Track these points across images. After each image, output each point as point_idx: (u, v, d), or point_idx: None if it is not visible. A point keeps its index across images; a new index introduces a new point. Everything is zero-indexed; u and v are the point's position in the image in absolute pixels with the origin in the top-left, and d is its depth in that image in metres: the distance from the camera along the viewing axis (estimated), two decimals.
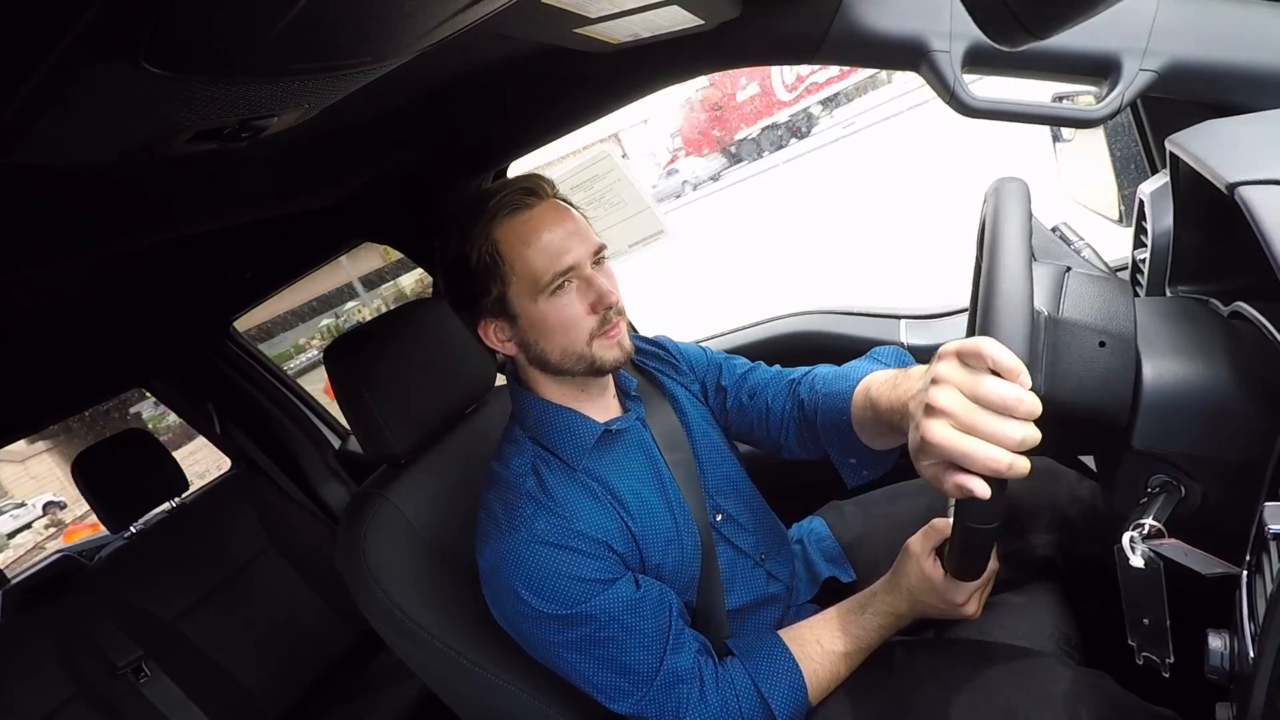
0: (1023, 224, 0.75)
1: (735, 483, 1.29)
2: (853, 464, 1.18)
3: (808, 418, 1.23)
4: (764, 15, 1.23)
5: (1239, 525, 0.67)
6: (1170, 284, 1.05)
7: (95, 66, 0.44)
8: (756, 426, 1.32)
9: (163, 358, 2.58)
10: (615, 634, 1.00)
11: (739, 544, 1.23)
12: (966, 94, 1.16)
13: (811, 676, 1.06)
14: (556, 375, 1.12)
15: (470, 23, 0.68)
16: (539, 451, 1.11)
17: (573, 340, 1.06)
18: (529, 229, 1.04)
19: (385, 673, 2.28)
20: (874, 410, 1.03)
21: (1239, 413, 0.75)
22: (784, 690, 1.04)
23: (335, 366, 1.26)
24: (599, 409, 1.17)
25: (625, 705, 1.03)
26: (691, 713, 1.02)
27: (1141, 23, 1.09)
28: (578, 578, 1.00)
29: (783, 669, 1.06)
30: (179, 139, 0.59)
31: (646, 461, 1.18)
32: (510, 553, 1.02)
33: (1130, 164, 1.36)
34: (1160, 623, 0.72)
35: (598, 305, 1.06)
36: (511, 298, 1.06)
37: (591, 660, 1.02)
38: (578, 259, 1.05)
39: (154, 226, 1.21)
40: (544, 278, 1.03)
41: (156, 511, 2.35)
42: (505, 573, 1.02)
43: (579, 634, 1.00)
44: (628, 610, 1.01)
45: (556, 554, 1.00)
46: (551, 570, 1.00)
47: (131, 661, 1.97)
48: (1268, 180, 0.70)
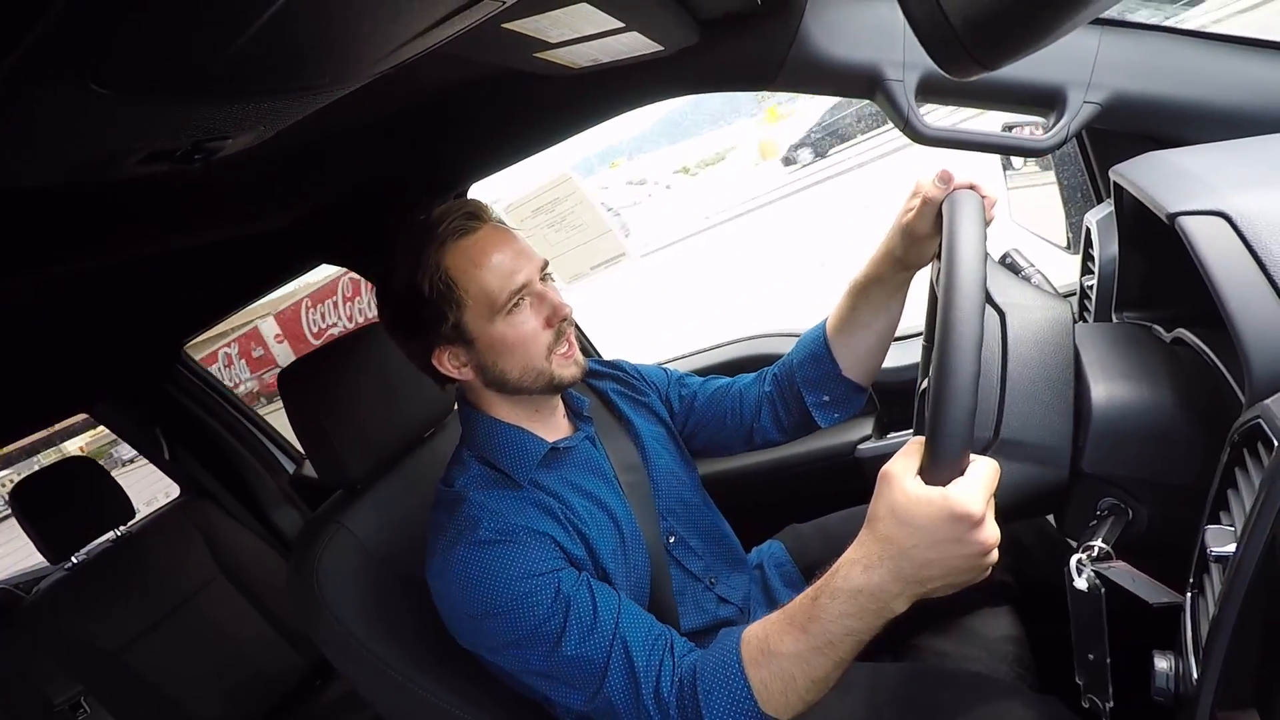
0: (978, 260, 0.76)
1: (688, 505, 1.28)
2: (825, 402, 1.26)
3: (785, 374, 1.31)
4: (722, 42, 1.25)
5: (1184, 547, 0.69)
6: (1116, 310, 1.08)
7: (41, 87, 0.43)
8: (730, 417, 1.34)
9: (109, 382, 2.50)
10: (563, 624, 0.95)
11: (689, 566, 1.23)
12: (920, 123, 1.19)
13: (760, 688, 0.87)
14: (514, 395, 1.12)
15: (429, 46, 0.68)
16: (484, 470, 1.11)
17: (532, 356, 1.07)
18: (478, 251, 1.04)
19: (338, 703, 2.23)
20: (861, 278, 1.17)
21: (1182, 437, 0.77)
22: (722, 705, 0.89)
23: (290, 391, 1.24)
24: (549, 429, 1.17)
25: (579, 700, 0.97)
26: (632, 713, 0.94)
27: (1085, 57, 1.13)
28: (523, 573, 0.97)
29: (727, 679, 0.90)
30: (129, 161, 0.58)
31: (597, 479, 1.17)
32: (456, 561, 1.00)
33: (1077, 192, 1.40)
34: (1101, 660, 0.73)
35: (553, 319, 1.07)
36: (467, 321, 1.05)
37: (541, 656, 0.96)
38: (529, 276, 1.06)
39: (104, 248, 1.18)
40: (499, 297, 1.04)
41: (100, 541, 2.27)
42: (453, 581, 1.00)
43: (526, 628, 0.96)
44: (574, 601, 0.96)
45: (498, 550, 0.98)
46: (494, 568, 0.97)
47: (69, 698, 1.89)
48: (1207, 211, 0.72)
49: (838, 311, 1.23)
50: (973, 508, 0.70)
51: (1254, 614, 0.54)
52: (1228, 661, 0.55)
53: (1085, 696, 0.75)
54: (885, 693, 1.05)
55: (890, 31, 1.18)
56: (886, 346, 1.25)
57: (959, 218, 0.80)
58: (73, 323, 1.71)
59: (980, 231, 0.78)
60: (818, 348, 1.26)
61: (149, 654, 2.13)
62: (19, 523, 2.09)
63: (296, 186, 1.47)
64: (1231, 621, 0.54)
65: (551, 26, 0.97)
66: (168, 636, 2.18)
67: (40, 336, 1.69)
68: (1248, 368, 0.64)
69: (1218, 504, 0.64)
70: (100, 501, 2.24)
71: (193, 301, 2.10)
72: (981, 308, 0.71)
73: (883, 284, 1.16)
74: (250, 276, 2.12)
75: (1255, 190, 0.74)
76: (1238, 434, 0.62)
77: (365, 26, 0.56)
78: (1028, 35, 0.52)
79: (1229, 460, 0.63)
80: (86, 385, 2.43)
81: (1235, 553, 0.55)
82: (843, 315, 1.22)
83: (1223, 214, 0.71)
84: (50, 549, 2.11)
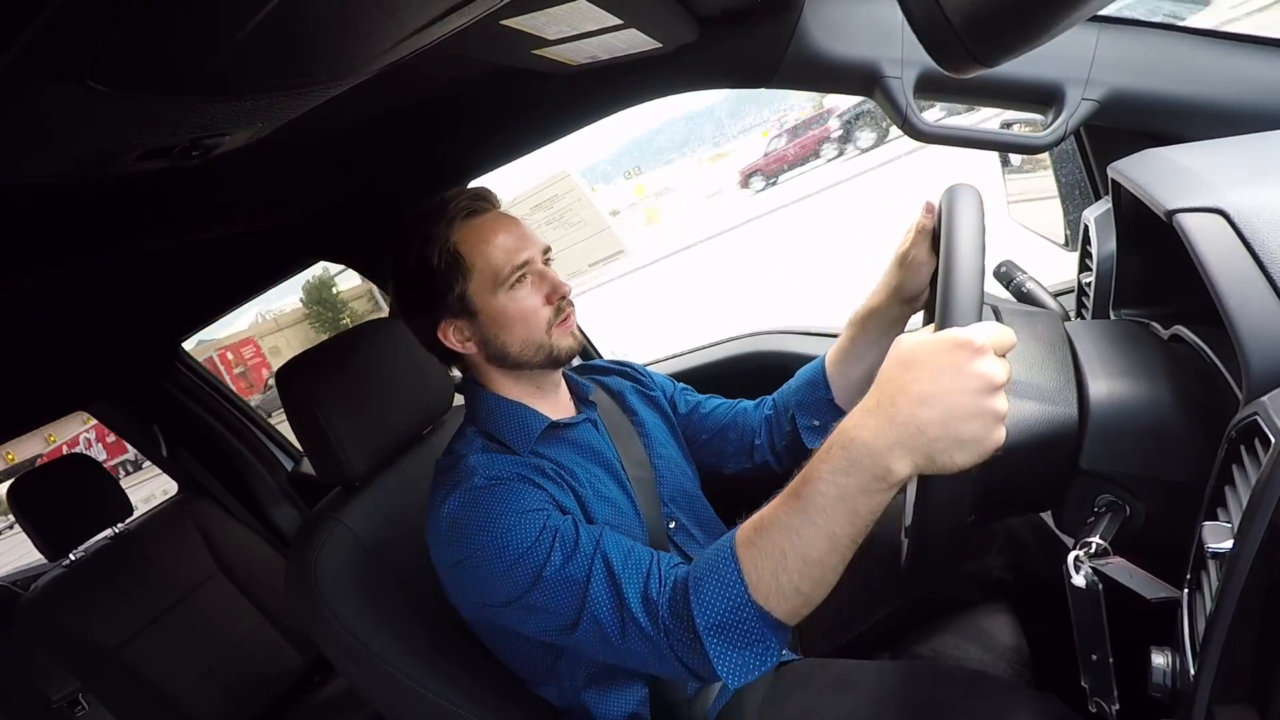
0: (978, 231, 0.78)
1: (689, 496, 1.30)
2: (815, 426, 1.27)
3: (782, 400, 1.34)
4: (721, 40, 1.25)
5: (1181, 543, 0.69)
6: (1114, 307, 1.08)
7: (39, 84, 0.43)
8: (732, 431, 1.37)
9: (106, 380, 2.50)
10: (548, 551, 0.93)
11: (690, 552, 1.23)
12: (918, 119, 1.19)
13: (750, 569, 0.80)
14: (515, 370, 1.16)
15: (428, 43, 0.68)
16: (485, 442, 1.13)
17: (532, 330, 1.12)
18: (486, 229, 1.11)
19: (337, 700, 2.23)
20: (863, 309, 1.19)
21: (1179, 433, 0.77)
22: (711, 594, 0.83)
23: (288, 387, 1.23)
24: (551, 407, 1.19)
25: (566, 633, 0.93)
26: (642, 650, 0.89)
27: (1084, 55, 1.13)
28: (513, 509, 0.96)
29: (717, 565, 0.84)
30: (127, 157, 0.58)
31: (598, 461, 1.18)
32: (450, 507, 1.00)
33: (1075, 190, 1.40)
34: (1105, 660, 0.73)
35: (553, 295, 1.13)
36: (472, 293, 1.10)
37: (524, 584, 0.93)
38: (531, 255, 1.12)
39: (103, 245, 1.18)
40: (503, 271, 1.09)
41: (98, 538, 2.27)
42: (443, 524, 1.00)
43: (511, 556, 0.93)
44: (561, 530, 0.95)
45: (491, 491, 0.99)
46: (485, 505, 0.97)
47: (67, 694, 1.89)
48: (1205, 208, 0.72)
49: (839, 343, 1.26)
50: (974, 336, 0.68)
51: (1251, 610, 0.54)
52: (1224, 657, 0.55)
53: (1092, 700, 0.74)
54: (884, 690, 1.05)
55: (889, 28, 1.18)
56: None
57: (956, 199, 0.83)
58: (71, 320, 1.71)
59: (977, 205, 0.81)
60: (816, 375, 1.29)
61: (147, 651, 2.13)
62: (17, 520, 2.08)
63: (294, 184, 1.46)
64: (1228, 617, 0.55)
65: (550, 23, 0.97)
66: (166, 633, 2.18)
67: (38, 334, 1.69)
68: (1245, 365, 0.64)
69: (1215, 500, 0.64)
70: (98, 499, 2.24)
71: (191, 299, 2.10)
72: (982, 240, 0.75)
73: (880, 317, 1.17)
74: (248, 274, 2.12)
75: (1253, 187, 0.74)
76: (1235, 431, 0.62)
77: (362, 23, 0.56)
78: (1026, 32, 0.52)
79: (1226, 457, 0.63)
80: (84, 383, 2.42)
81: (1232, 549, 0.55)
82: (842, 347, 1.25)
83: (1221, 211, 0.71)
84: (48, 546, 2.11)
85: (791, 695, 1.12)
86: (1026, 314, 0.92)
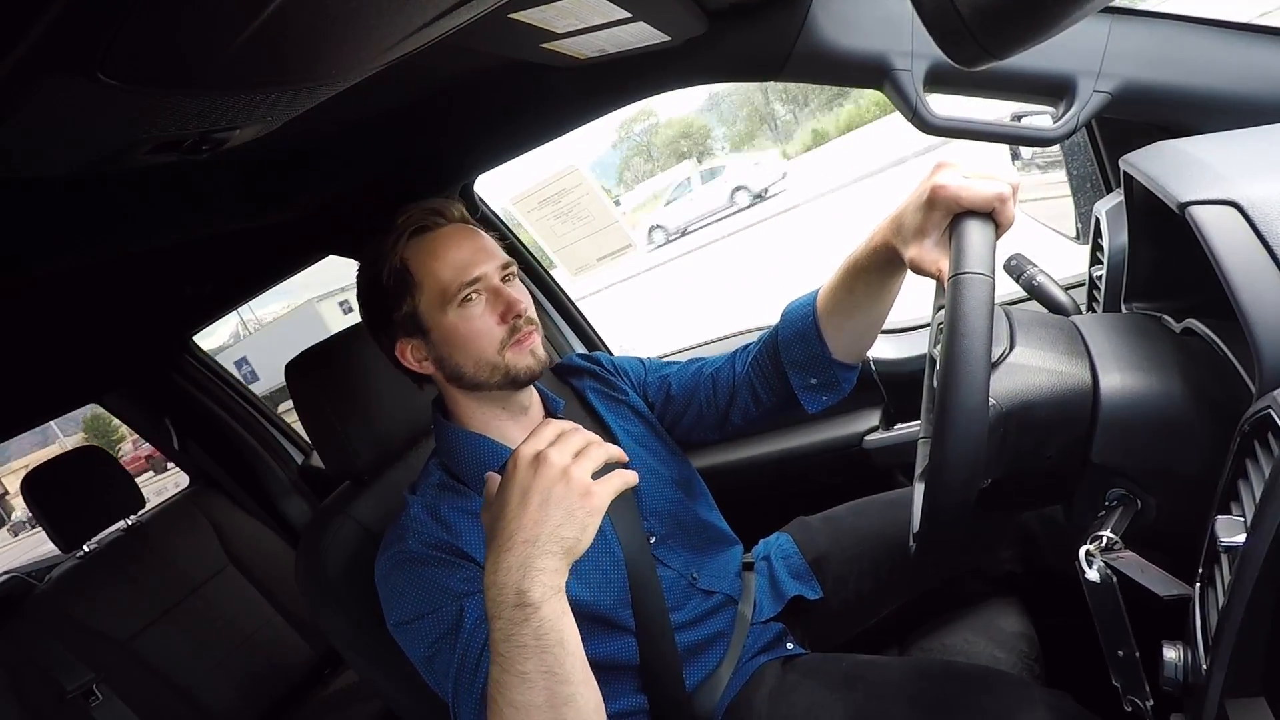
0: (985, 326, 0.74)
1: (671, 502, 1.27)
2: (813, 385, 1.21)
3: (767, 353, 1.25)
4: (730, 33, 1.24)
5: (1193, 538, 0.69)
6: (1125, 300, 1.07)
7: (50, 78, 0.43)
8: (706, 405, 1.31)
9: (119, 373, 2.52)
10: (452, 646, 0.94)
11: (671, 564, 1.22)
12: (928, 112, 1.18)
13: None
14: (474, 391, 1.13)
15: (436, 37, 0.68)
16: (443, 477, 1.13)
17: (484, 349, 1.08)
18: (435, 245, 1.09)
19: (347, 692, 2.24)
20: (855, 263, 1.09)
21: (1191, 427, 0.77)
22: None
23: (298, 381, 1.24)
24: (520, 427, 1.17)
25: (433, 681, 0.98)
26: None
27: (1095, 46, 1.12)
28: (439, 587, 0.97)
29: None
30: (137, 151, 0.58)
31: None
32: (380, 566, 1.04)
33: (1086, 182, 1.39)
34: (1131, 656, 0.72)
35: (507, 315, 1.09)
36: (423, 311, 1.09)
37: (434, 675, 0.97)
38: (484, 271, 1.08)
39: (113, 240, 1.19)
40: (450, 287, 1.07)
41: (111, 530, 2.29)
42: (379, 584, 1.04)
43: (425, 645, 0.96)
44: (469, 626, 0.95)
45: (413, 571, 1.00)
46: (403, 588, 0.99)
47: (82, 685, 1.91)
48: (1217, 200, 0.72)
49: (830, 292, 1.16)
50: (524, 451, 0.79)
51: (1263, 604, 0.54)
52: (1237, 651, 0.55)
53: (1126, 699, 0.74)
54: (891, 687, 1.05)
55: (898, 21, 1.18)
56: (881, 325, 1.19)
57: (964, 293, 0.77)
58: (82, 314, 1.72)
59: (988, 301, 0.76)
60: (806, 328, 1.19)
61: (160, 642, 2.14)
62: (31, 511, 2.10)
63: (303, 178, 1.47)
64: (1241, 611, 0.54)
65: (558, 17, 0.97)
66: (178, 625, 2.20)
67: (51, 328, 1.70)
68: (1258, 357, 0.64)
69: (1227, 494, 0.63)
70: (111, 491, 2.26)
71: (201, 293, 2.11)
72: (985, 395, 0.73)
73: (870, 273, 1.10)
74: (258, 268, 2.13)
75: (1267, 179, 0.73)
76: (1248, 424, 0.62)
77: (371, 18, 0.56)
78: (1036, 24, 0.52)
79: (1239, 450, 0.63)
80: (96, 376, 2.44)
81: (1245, 543, 0.55)
82: (837, 297, 1.15)
83: (1234, 203, 0.70)
84: (62, 538, 2.12)
85: (799, 690, 1.12)
86: (1038, 314, 0.91)
